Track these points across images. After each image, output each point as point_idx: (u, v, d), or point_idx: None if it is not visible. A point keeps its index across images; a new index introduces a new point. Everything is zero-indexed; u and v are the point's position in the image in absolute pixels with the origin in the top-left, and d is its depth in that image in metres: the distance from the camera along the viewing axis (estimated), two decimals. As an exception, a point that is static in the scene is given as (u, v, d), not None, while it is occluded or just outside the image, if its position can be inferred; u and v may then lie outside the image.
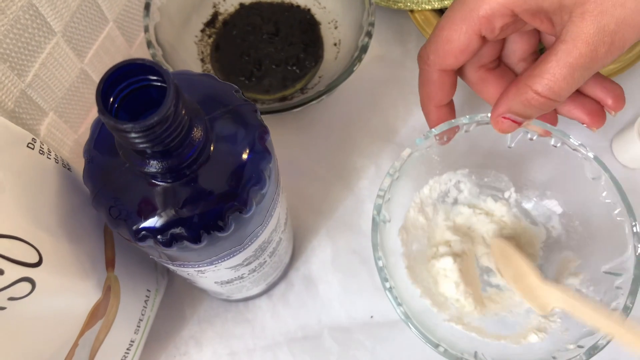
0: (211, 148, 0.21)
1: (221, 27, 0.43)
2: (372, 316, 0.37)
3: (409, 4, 0.41)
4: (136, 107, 0.19)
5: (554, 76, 0.25)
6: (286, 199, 0.31)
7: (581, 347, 0.28)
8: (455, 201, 0.37)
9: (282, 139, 0.39)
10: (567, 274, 0.33)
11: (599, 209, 0.31)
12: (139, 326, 0.33)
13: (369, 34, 0.37)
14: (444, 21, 0.29)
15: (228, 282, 0.29)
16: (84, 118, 0.34)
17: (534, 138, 0.32)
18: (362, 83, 0.43)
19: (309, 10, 0.44)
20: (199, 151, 0.20)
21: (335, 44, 0.42)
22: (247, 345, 0.37)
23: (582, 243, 0.33)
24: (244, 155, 0.22)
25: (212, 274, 0.27)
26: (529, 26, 0.29)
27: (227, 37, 0.43)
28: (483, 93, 0.32)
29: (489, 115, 0.30)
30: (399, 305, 0.29)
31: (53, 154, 0.25)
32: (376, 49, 0.44)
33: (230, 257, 0.25)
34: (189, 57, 0.41)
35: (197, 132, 0.20)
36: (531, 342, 0.31)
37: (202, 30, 0.43)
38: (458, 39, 0.29)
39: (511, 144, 0.33)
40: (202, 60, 0.42)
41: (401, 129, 0.42)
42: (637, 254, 0.29)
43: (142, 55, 0.38)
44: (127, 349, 0.32)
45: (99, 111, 0.17)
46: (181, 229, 0.21)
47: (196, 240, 0.21)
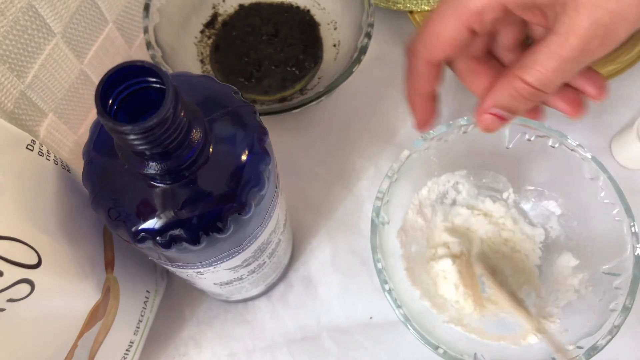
0: (210, 150, 0.21)
1: (221, 28, 0.43)
2: (371, 317, 0.37)
3: (408, 5, 0.41)
4: (135, 109, 0.19)
5: (544, 67, 0.25)
6: (285, 199, 0.31)
7: (580, 347, 0.28)
8: (454, 202, 0.37)
9: (281, 139, 0.39)
10: (566, 274, 0.33)
11: (597, 209, 0.31)
12: (138, 327, 0.33)
13: (368, 35, 0.37)
14: (434, 14, 0.29)
15: (227, 283, 0.29)
16: (83, 119, 0.34)
17: (532, 139, 0.32)
18: (362, 84, 0.43)
19: (308, 11, 0.44)
20: (198, 153, 0.20)
21: (335, 45, 0.42)
22: (246, 346, 0.37)
23: (580, 243, 0.33)
24: (243, 157, 0.22)
25: (211, 275, 0.27)
26: (518, 18, 0.29)
27: (227, 38, 0.43)
28: (472, 85, 0.31)
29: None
30: (399, 307, 0.29)
31: (52, 155, 0.25)
32: (375, 50, 0.44)
33: (230, 259, 0.25)
34: (188, 58, 0.41)
35: (196, 134, 0.20)
36: (531, 343, 0.30)
37: (202, 31, 0.43)
38: (447, 32, 0.28)
39: (509, 144, 0.33)
40: (201, 61, 0.42)
41: (400, 130, 0.42)
42: (635, 254, 0.29)
43: (142, 56, 0.39)
44: (127, 350, 0.32)
45: (98, 113, 0.17)
46: (180, 230, 0.21)
47: (195, 241, 0.21)
